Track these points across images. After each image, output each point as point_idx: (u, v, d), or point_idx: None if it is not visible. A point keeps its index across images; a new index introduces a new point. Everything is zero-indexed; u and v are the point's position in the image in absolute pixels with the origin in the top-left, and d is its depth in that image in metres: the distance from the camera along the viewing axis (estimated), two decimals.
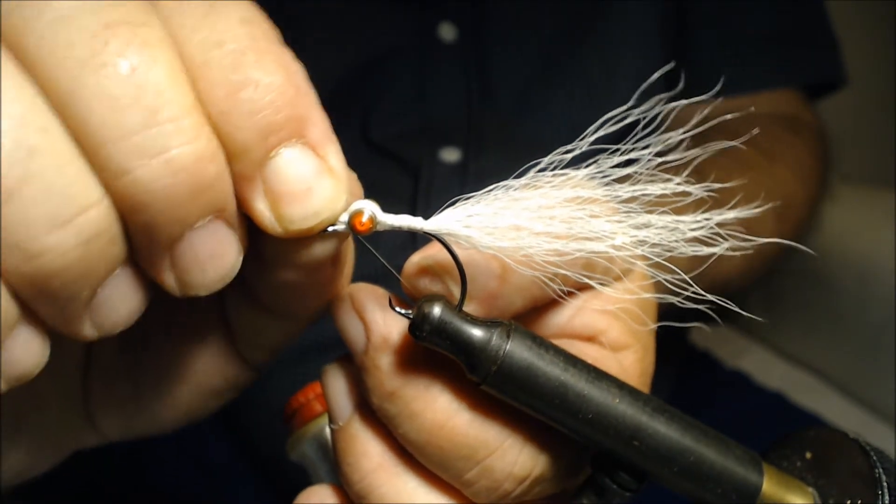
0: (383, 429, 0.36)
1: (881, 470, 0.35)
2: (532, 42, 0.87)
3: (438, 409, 0.34)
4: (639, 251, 0.33)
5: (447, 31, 0.84)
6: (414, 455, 0.35)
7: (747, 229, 0.35)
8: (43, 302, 0.27)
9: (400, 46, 0.84)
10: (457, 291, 0.34)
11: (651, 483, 0.34)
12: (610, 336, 0.37)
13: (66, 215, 0.25)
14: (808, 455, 0.38)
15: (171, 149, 0.25)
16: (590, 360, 0.35)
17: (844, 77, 0.98)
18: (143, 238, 0.27)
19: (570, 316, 0.38)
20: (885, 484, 0.34)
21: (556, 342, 0.38)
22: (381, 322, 0.34)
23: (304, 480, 0.43)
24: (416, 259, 0.35)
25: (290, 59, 0.29)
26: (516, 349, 0.31)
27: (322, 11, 0.84)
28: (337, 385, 0.37)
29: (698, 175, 0.34)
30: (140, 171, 0.25)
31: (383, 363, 0.34)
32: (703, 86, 0.80)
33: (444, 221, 0.32)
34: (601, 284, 0.36)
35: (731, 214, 0.34)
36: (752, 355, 1.41)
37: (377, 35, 0.85)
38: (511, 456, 0.34)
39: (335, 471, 0.38)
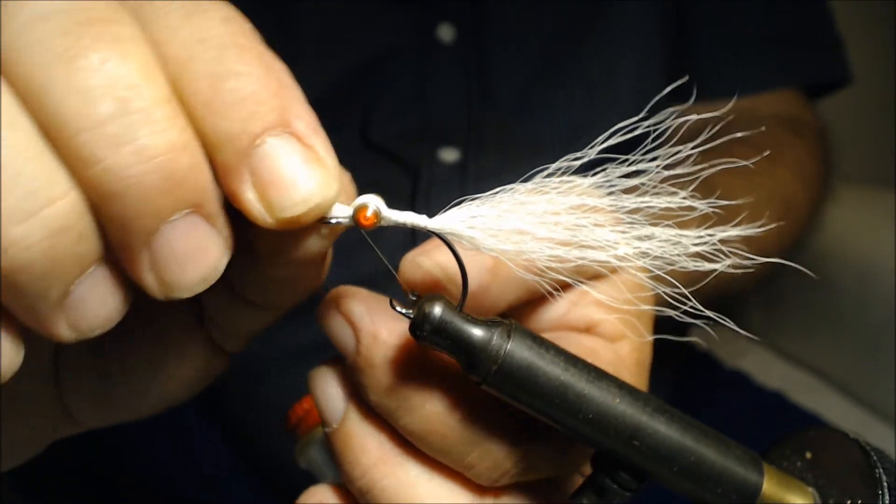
0: (378, 422, 0.36)
1: (881, 470, 0.35)
2: (532, 42, 0.87)
3: (437, 399, 0.34)
4: (640, 263, 0.34)
5: (446, 32, 0.84)
6: (416, 445, 0.35)
7: (748, 237, 0.35)
8: (13, 299, 0.27)
9: (399, 47, 0.84)
10: (454, 292, 0.34)
11: (651, 483, 0.34)
12: (605, 327, 0.38)
13: (32, 207, 0.25)
14: (808, 455, 0.38)
15: (142, 138, 0.25)
16: (586, 350, 0.35)
17: (847, 76, 0.98)
18: (117, 233, 0.27)
19: (567, 309, 0.38)
20: (885, 484, 0.34)
21: (554, 334, 0.38)
22: (368, 321, 0.35)
23: (307, 480, 0.43)
24: (419, 260, 0.36)
25: (273, 57, 0.29)
26: (517, 349, 0.31)
27: (322, 12, 0.84)
28: (324, 387, 0.38)
29: (703, 183, 0.35)
30: (110, 159, 0.25)
31: (376, 360, 0.34)
32: (704, 86, 0.80)
33: (448, 221, 0.32)
34: (596, 278, 0.37)
35: (734, 232, 0.34)
36: (752, 355, 1.41)
37: (376, 35, 0.85)
38: (510, 434, 0.35)
39: None
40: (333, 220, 0.31)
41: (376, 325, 0.34)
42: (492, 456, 0.35)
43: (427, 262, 0.36)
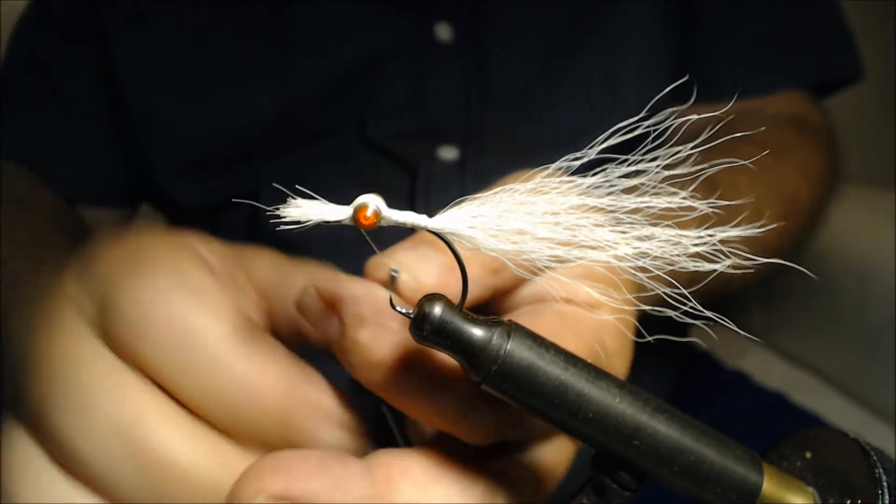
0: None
1: (881, 470, 0.35)
2: (532, 42, 0.87)
3: (428, 368, 0.34)
4: (640, 263, 0.34)
5: (444, 31, 0.84)
6: (411, 414, 0.35)
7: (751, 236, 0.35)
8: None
9: (397, 46, 0.84)
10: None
11: (651, 483, 0.34)
12: (584, 295, 0.38)
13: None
14: (808, 455, 0.38)
15: None
16: (567, 316, 0.36)
17: (857, 72, 0.97)
18: None
19: (546, 282, 0.39)
20: (885, 484, 0.35)
21: (535, 306, 0.39)
22: (350, 302, 0.35)
23: None
24: (383, 261, 0.37)
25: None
26: (516, 349, 0.31)
27: (318, 11, 0.84)
28: None
29: (707, 180, 0.35)
30: None
31: (362, 339, 0.34)
32: (710, 87, 0.79)
33: (448, 220, 0.32)
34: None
35: (733, 232, 0.34)
36: (752, 355, 1.41)
37: (374, 35, 0.85)
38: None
39: None
40: (332, 220, 0.31)
41: (358, 305, 0.35)
42: (481, 415, 0.35)
43: (389, 262, 0.37)
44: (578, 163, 0.33)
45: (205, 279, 0.36)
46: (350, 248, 0.57)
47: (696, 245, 0.34)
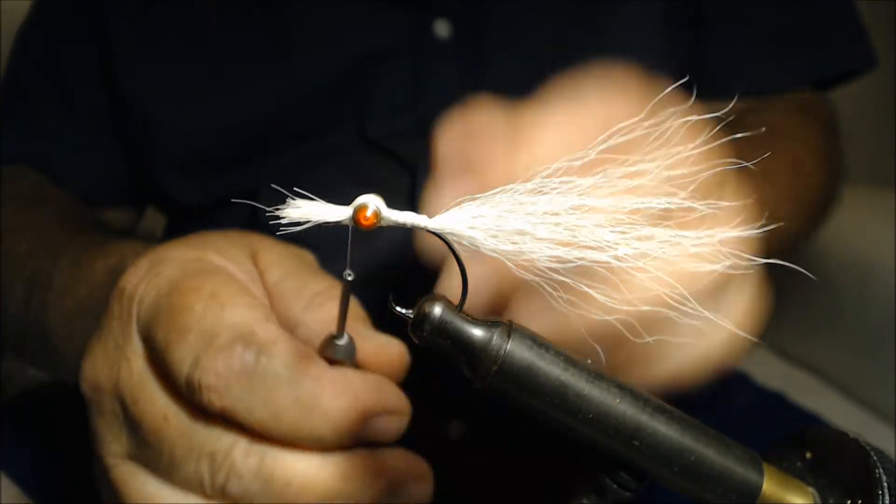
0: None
1: (881, 470, 0.35)
2: (531, 41, 0.87)
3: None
4: (640, 263, 0.33)
5: (442, 28, 0.84)
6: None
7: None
8: None
9: (396, 43, 0.84)
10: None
11: (651, 483, 0.34)
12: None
13: None
14: (808, 455, 0.38)
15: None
16: None
17: (867, 63, 0.97)
18: None
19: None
20: (885, 484, 0.34)
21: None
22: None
23: None
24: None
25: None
26: (517, 349, 0.31)
27: (316, 8, 0.84)
28: None
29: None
30: None
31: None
32: (713, 86, 0.79)
33: (448, 221, 0.32)
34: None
35: (732, 233, 0.34)
36: (752, 355, 1.41)
37: (373, 32, 0.85)
38: None
39: None
40: (332, 221, 0.31)
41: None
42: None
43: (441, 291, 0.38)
44: (579, 163, 0.33)
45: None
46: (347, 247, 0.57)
47: (695, 245, 0.34)
